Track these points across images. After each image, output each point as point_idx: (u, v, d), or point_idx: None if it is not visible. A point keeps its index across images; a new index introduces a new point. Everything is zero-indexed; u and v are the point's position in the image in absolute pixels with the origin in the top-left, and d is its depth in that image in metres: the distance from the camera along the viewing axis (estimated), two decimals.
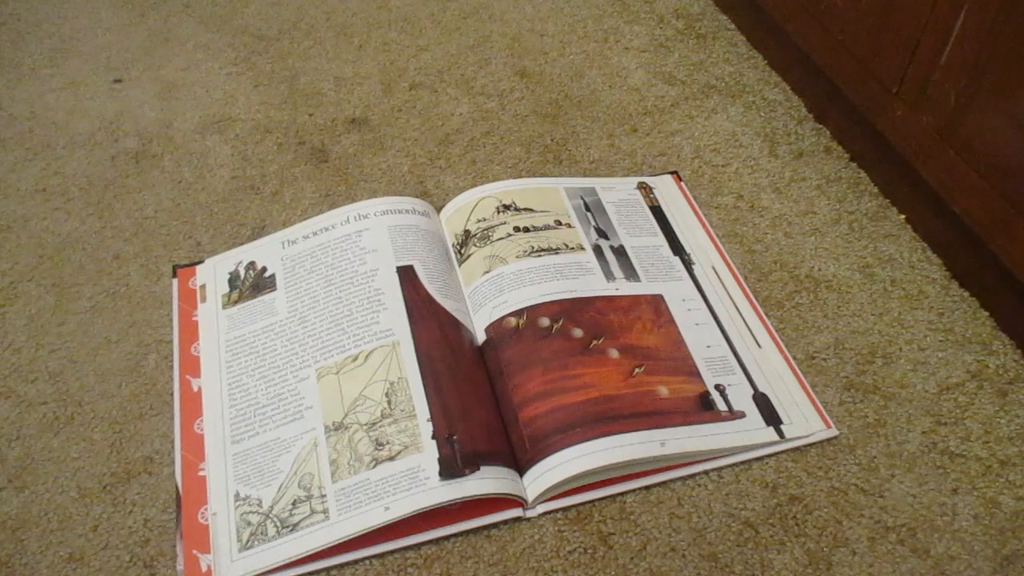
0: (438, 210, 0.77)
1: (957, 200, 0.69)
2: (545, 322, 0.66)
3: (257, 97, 0.91)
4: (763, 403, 0.64)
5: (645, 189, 0.81)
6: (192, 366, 0.66)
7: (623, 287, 0.70)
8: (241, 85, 0.93)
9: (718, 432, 0.61)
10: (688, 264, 0.74)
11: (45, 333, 0.69)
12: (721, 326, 0.69)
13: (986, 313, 0.71)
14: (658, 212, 0.78)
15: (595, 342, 0.65)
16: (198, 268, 0.73)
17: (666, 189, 0.81)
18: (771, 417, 0.63)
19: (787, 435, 0.62)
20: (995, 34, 0.62)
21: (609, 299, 0.69)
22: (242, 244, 0.75)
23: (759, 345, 0.68)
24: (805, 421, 0.63)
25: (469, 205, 0.75)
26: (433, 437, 0.58)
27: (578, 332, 0.66)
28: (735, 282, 0.73)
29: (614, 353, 0.65)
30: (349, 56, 0.97)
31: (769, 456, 0.62)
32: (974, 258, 0.71)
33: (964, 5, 0.64)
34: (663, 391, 0.63)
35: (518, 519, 0.58)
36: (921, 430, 0.63)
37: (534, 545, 0.57)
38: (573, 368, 0.63)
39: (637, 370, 0.64)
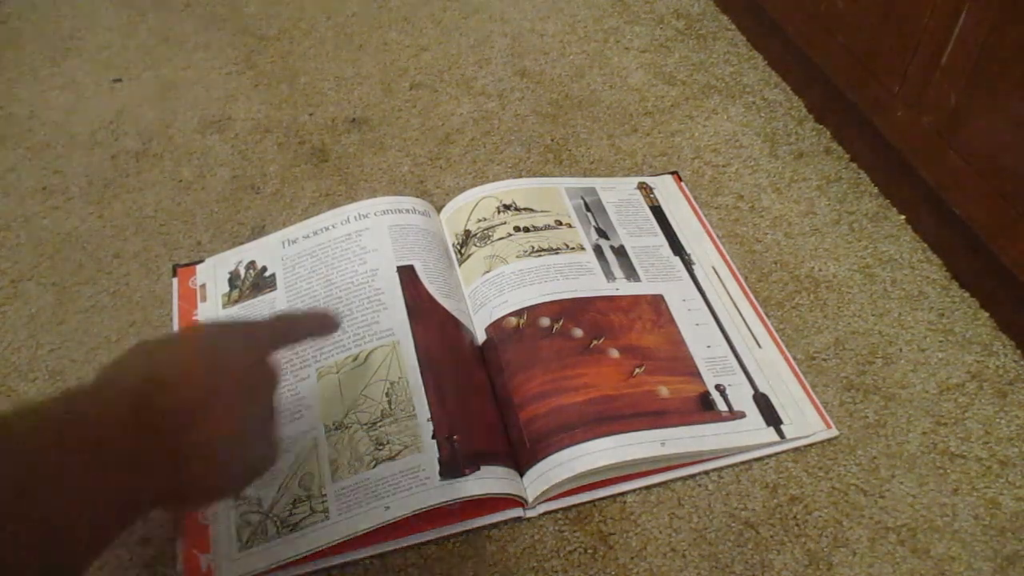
0: (438, 210, 0.77)
1: (957, 200, 0.69)
2: (545, 322, 0.66)
3: (257, 97, 0.91)
4: (763, 403, 0.64)
5: (645, 189, 0.81)
6: None
7: (623, 287, 0.70)
8: (241, 85, 0.93)
9: (718, 432, 0.61)
10: (688, 264, 0.74)
11: (45, 332, 0.69)
12: (721, 326, 0.69)
13: (986, 313, 0.71)
14: (658, 212, 0.78)
15: (595, 342, 0.65)
16: (198, 267, 0.73)
17: (666, 189, 0.81)
18: (771, 417, 0.63)
19: (787, 435, 0.62)
20: (996, 35, 0.62)
21: (609, 299, 0.69)
22: (242, 243, 0.75)
23: (759, 345, 0.68)
24: (805, 421, 0.63)
25: (469, 205, 0.75)
26: (433, 437, 0.58)
27: (578, 332, 0.66)
28: (735, 282, 0.73)
29: (614, 353, 0.65)
30: (349, 56, 0.97)
31: (769, 456, 0.62)
32: (974, 258, 0.71)
33: (965, 6, 0.64)
34: (663, 391, 0.63)
35: (518, 519, 0.58)
36: (921, 431, 0.63)
37: (534, 545, 0.57)
38: (573, 368, 0.63)
39: (637, 370, 0.64)
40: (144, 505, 0.41)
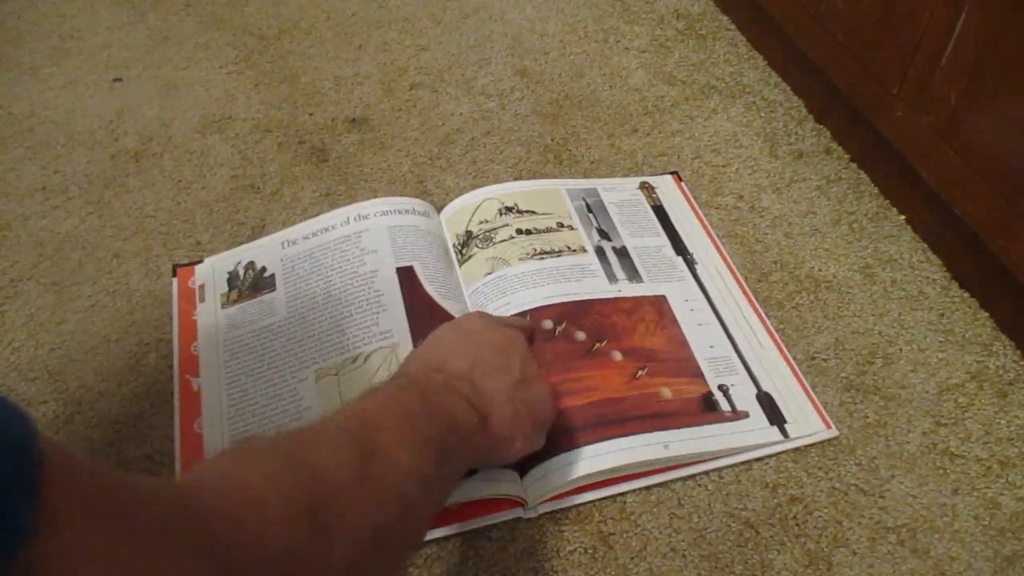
0: (438, 210, 0.77)
1: (957, 200, 0.69)
2: (548, 324, 0.66)
3: (257, 96, 0.91)
4: (767, 402, 0.64)
5: (647, 189, 0.80)
6: (192, 366, 0.66)
7: (625, 289, 0.70)
8: (241, 84, 0.93)
9: (721, 433, 0.61)
10: (691, 264, 0.74)
11: (45, 332, 0.69)
12: (724, 325, 0.69)
13: (986, 314, 0.71)
14: (660, 212, 0.78)
15: (598, 345, 0.65)
16: (197, 268, 0.73)
17: (666, 189, 0.81)
18: (775, 416, 0.63)
19: (791, 434, 0.62)
20: (996, 35, 0.62)
21: (612, 301, 0.69)
22: (242, 243, 0.75)
23: (761, 344, 0.68)
24: (807, 420, 0.63)
25: (471, 206, 0.75)
26: None
27: (581, 335, 0.65)
28: (735, 283, 0.73)
29: (617, 356, 0.65)
30: (349, 56, 0.97)
31: (769, 456, 0.62)
32: (974, 259, 0.71)
33: (965, 6, 0.64)
34: (666, 393, 0.63)
35: (518, 519, 0.58)
36: (921, 431, 0.63)
37: (534, 545, 0.57)
38: (576, 371, 0.63)
39: (640, 372, 0.64)
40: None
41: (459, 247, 0.73)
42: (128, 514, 0.28)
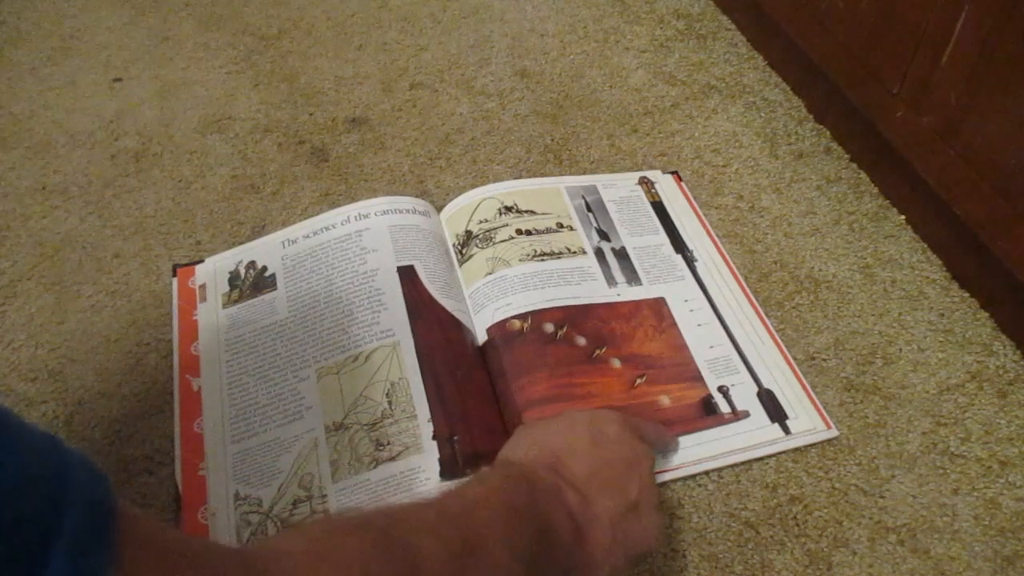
0: (438, 209, 0.77)
1: (957, 200, 0.69)
2: (549, 327, 0.66)
3: (257, 96, 0.91)
4: (768, 400, 0.64)
5: (646, 184, 0.80)
6: (192, 366, 0.66)
7: (624, 292, 0.70)
8: (241, 84, 0.93)
9: (721, 436, 0.61)
10: (690, 262, 0.74)
11: (44, 332, 0.69)
12: (724, 323, 0.69)
13: (986, 314, 0.71)
14: (659, 208, 0.78)
15: (597, 351, 0.65)
16: (198, 267, 0.73)
17: (667, 189, 0.81)
18: (776, 413, 0.63)
19: (793, 430, 0.62)
20: (995, 35, 0.62)
21: (611, 306, 0.69)
22: (242, 243, 0.75)
23: (762, 341, 0.68)
24: (808, 417, 0.63)
25: (471, 206, 0.75)
26: (434, 438, 0.58)
27: (581, 340, 0.65)
28: (735, 282, 0.73)
29: (616, 363, 0.65)
30: (349, 56, 0.97)
31: (769, 456, 0.62)
32: (974, 259, 0.71)
33: (964, 6, 0.64)
34: (664, 400, 0.63)
35: None
36: (921, 431, 0.63)
37: None
38: (578, 376, 0.63)
39: (639, 380, 0.64)
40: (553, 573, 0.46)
41: (459, 247, 0.73)
42: None
